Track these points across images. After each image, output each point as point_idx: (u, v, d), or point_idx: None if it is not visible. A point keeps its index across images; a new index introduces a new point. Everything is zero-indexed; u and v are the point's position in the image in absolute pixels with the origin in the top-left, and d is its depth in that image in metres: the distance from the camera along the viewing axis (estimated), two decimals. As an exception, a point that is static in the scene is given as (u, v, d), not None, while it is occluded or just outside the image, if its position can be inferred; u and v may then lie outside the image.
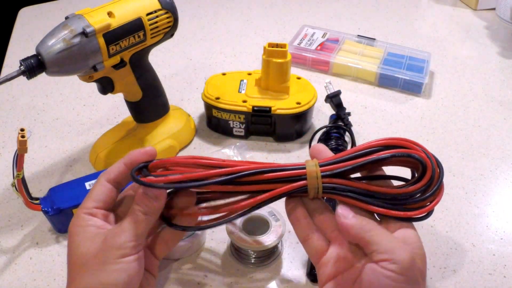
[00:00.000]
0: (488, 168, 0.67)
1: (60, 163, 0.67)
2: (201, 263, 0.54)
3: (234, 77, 0.73)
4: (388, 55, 0.86)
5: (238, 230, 0.53)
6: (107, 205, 0.44)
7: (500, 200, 0.62)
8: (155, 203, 0.43)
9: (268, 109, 0.67)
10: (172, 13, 0.60)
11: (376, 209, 0.42)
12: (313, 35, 0.91)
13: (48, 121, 0.75)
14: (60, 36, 0.51)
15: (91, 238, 0.42)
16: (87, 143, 0.70)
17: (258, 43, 0.94)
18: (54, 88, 0.82)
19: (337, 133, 0.66)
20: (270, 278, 0.53)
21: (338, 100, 0.69)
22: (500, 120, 0.76)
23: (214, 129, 0.73)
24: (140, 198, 0.43)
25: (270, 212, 0.54)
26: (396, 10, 1.08)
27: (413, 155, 0.42)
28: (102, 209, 0.44)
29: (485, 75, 0.87)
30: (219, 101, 0.68)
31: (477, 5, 1.08)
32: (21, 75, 0.50)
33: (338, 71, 0.86)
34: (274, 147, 0.70)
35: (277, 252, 0.55)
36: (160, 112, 0.67)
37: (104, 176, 0.45)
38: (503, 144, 0.71)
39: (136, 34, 0.57)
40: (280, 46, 0.66)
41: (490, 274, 0.53)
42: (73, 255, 0.42)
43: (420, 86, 0.80)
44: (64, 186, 0.57)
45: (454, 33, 1.00)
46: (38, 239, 0.57)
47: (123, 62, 0.58)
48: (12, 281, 0.52)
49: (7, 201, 0.62)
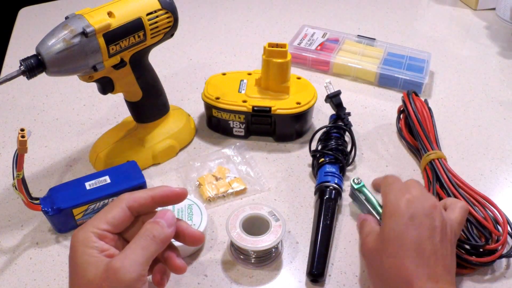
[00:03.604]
0: (488, 168, 0.67)
1: (60, 163, 0.67)
2: (201, 263, 0.54)
3: (234, 77, 0.73)
4: (388, 55, 0.86)
5: (238, 230, 0.53)
6: (119, 230, 0.43)
7: (500, 200, 0.62)
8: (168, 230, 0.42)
9: (268, 109, 0.67)
10: (172, 13, 0.60)
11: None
12: (313, 35, 0.91)
13: (48, 121, 0.75)
14: (60, 36, 0.51)
15: (94, 263, 0.40)
16: (87, 143, 0.70)
17: (258, 43, 0.94)
18: (54, 88, 0.82)
19: (337, 133, 0.66)
20: (270, 278, 0.53)
21: (338, 100, 0.69)
22: (500, 120, 0.76)
23: (214, 129, 0.73)
24: (152, 225, 0.42)
25: (270, 212, 0.54)
26: (396, 10, 1.08)
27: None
28: (113, 233, 0.42)
29: (485, 75, 0.87)
30: (219, 101, 0.68)
31: (477, 5, 1.08)
32: (21, 75, 0.50)
33: (338, 71, 0.86)
34: (274, 147, 0.70)
35: (277, 252, 0.55)
36: (160, 112, 0.67)
37: (126, 201, 0.43)
38: (503, 144, 0.71)
39: (136, 34, 0.57)
40: (280, 46, 0.66)
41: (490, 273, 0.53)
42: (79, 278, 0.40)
43: (420, 86, 0.80)
44: (64, 186, 0.57)
45: (454, 33, 1.00)
46: (38, 239, 0.57)
47: (123, 62, 0.58)
48: (12, 281, 0.52)
49: (7, 201, 0.62)
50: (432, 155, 0.62)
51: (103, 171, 0.59)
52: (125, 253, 0.40)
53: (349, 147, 0.66)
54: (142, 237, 0.41)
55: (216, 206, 0.61)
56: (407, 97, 0.69)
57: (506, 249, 0.53)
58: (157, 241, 0.42)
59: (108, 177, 0.58)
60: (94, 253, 0.40)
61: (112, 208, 0.43)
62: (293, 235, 0.57)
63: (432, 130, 0.66)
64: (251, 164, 0.66)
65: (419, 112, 0.67)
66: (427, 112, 0.68)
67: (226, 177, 0.64)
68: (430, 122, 0.67)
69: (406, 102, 0.69)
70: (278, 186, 0.64)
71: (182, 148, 0.70)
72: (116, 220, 0.42)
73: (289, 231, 0.58)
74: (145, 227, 0.42)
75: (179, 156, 0.69)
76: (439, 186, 0.58)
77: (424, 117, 0.67)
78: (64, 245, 0.56)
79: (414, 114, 0.67)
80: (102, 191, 0.56)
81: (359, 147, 0.69)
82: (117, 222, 0.42)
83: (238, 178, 0.64)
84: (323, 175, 0.61)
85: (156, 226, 0.42)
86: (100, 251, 0.40)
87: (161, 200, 0.44)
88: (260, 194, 0.63)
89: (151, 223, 0.43)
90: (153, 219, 0.43)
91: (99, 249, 0.40)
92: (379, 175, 0.59)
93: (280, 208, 0.61)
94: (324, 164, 0.62)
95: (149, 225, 0.42)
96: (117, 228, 0.43)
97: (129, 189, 0.57)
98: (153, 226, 0.42)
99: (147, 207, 0.44)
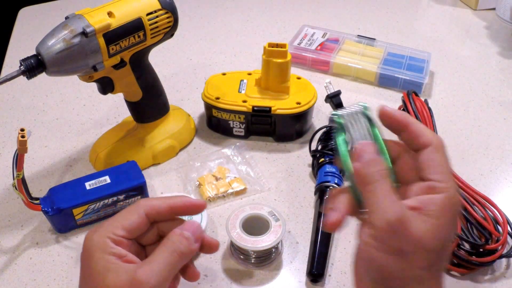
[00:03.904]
0: (488, 168, 0.67)
1: (60, 163, 0.67)
2: (201, 263, 0.54)
3: (234, 77, 0.73)
4: (388, 55, 0.86)
5: (238, 230, 0.53)
6: (135, 236, 0.43)
7: (500, 200, 0.62)
8: (195, 246, 0.42)
9: (268, 109, 0.67)
10: (172, 13, 0.60)
11: None
12: (313, 35, 0.91)
13: (48, 121, 0.75)
14: (60, 36, 0.51)
15: (114, 270, 0.39)
16: (87, 143, 0.70)
17: (258, 43, 0.94)
18: (54, 88, 0.82)
19: (337, 133, 0.66)
20: (270, 278, 0.53)
21: (338, 100, 0.69)
22: (500, 120, 0.76)
23: (214, 129, 0.73)
24: (179, 239, 0.41)
25: (270, 212, 0.54)
26: (396, 10, 1.08)
27: None
28: (129, 239, 0.42)
29: (485, 75, 0.87)
30: (219, 101, 0.68)
31: (477, 5, 1.08)
32: (21, 75, 0.50)
33: (338, 71, 0.86)
34: (274, 147, 0.70)
35: (277, 252, 0.55)
36: (160, 112, 0.67)
37: (145, 209, 0.42)
38: (503, 144, 0.71)
39: (136, 34, 0.57)
40: (280, 46, 0.66)
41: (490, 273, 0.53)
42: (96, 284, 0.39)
43: (420, 86, 0.80)
44: (64, 186, 0.57)
45: (454, 33, 1.00)
46: (38, 239, 0.57)
47: (123, 62, 0.58)
48: (12, 281, 0.52)
49: (7, 201, 0.62)
50: (432, 155, 0.62)
51: (103, 171, 0.59)
52: (151, 267, 0.39)
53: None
54: (169, 252, 0.40)
55: (216, 206, 0.61)
56: (407, 97, 0.69)
57: (506, 249, 0.53)
58: (183, 257, 0.41)
59: (108, 177, 0.58)
60: (112, 259, 0.39)
61: (130, 214, 0.42)
62: (293, 235, 0.57)
63: (432, 130, 0.66)
64: (251, 164, 0.66)
65: (419, 112, 0.67)
66: (427, 112, 0.68)
67: (226, 177, 0.64)
68: (430, 122, 0.67)
69: (406, 102, 0.69)
70: (278, 186, 0.64)
71: (182, 148, 0.70)
72: (134, 227, 0.42)
73: (289, 231, 0.58)
74: (172, 239, 0.41)
75: (179, 156, 0.69)
76: (439, 186, 0.58)
77: (424, 117, 0.67)
78: (64, 245, 0.56)
79: (414, 114, 0.67)
80: (102, 191, 0.56)
81: (359, 147, 0.69)
82: (134, 229, 0.42)
83: (238, 178, 0.64)
84: (323, 175, 0.61)
85: (184, 241, 0.41)
86: (118, 257, 0.40)
87: (179, 210, 0.43)
88: (260, 194, 0.63)
89: (179, 236, 0.41)
90: (180, 231, 0.42)
91: (117, 255, 0.40)
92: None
93: (280, 208, 0.61)
94: (324, 164, 0.62)
95: (176, 238, 0.41)
96: (133, 234, 0.42)
97: (129, 189, 0.57)
98: (181, 241, 0.41)
99: (164, 215, 0.43)
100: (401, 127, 0.39)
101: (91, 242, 0.40)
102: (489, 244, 0.51)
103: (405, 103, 0.69)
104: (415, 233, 0.34)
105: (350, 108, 0.39)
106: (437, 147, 0.38)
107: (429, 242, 0.34)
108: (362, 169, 0.37)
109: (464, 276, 0.52)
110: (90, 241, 0.40)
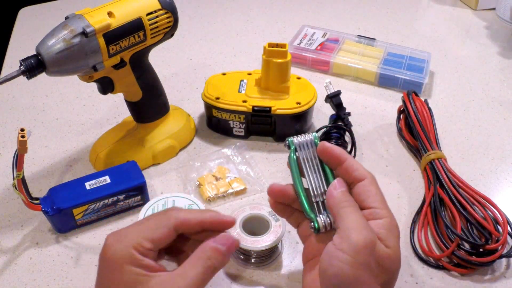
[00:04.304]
0: (488, 168, 0.67)
1: (60, 163, 0.67)
2: (201, 263, 0.54)
3: (234, 77, 0.73)
4: (388, 55, 0.86)
5: (238, 230, 0.53)
6: (161, 247, 0.42)
7: (500, 200, 0.62)
8: (227, 260, 0.42)
9: (268, 109, 0.67)
10: (172, 13, 0.60)
11: None
12: (313, 35, 0.91)
13: (48, 121, 0.75)
14: (60, 36, 0.51)
15: (145, 283, 0.38)
16: (87, 143, 0.70)
17: (258, 43, 0.94)
18: (54, 88, 0.82)
19: (337, 133, 0.66)
20: (270, 278, 0.53)
21: (338, 100, 0.69)
22: (500, 120, 0.76)
23: (214, 129, 0.73)
24: (214, 254, 0.41)
25: (270, 212, 0.54)
26: (396, 10, 1.08)
27: None
28: (155, 250, 0.41)
29: (485, 75, 0.87)
30: (219, 101, 0.68)
31: (477, 5, 1.08)
32: (21, 75, 0.50)
33: (338, 71, 0.86)
34: (274, 147, 0.70)
35: (277, 252, 0.55)
36: (160, 112, 0.67)
37: (175, 222, 0.41)
38: (503, 144, 0.71)
39: (136, 34, 0.57)
40: (280, 46, 0.66)
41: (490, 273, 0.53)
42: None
43: (420, 86, 0.80)
44: (64, 186, 0.58)
45: (454, 33, 1.00)
46: (38, 239, 0.57)
47: (123, 62, 0.58)
48: (12, 281, 0.52)
49: (7, 201, 0.62)
50: (432, 155, 0.62)
51: (103, 171, 0.59)
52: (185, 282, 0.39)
53: (349, 147, 0.66)
54: (204, 268, 0.40)
55: (216, 206, 0.61)
56: (407, 97, 0.69)
57: (506, 249, 0.53)
58: (216, 271, 0.41)
59: (108, 177, 0.58)
60: (142, 272, 0.39)
61: (159, 226, 0.41)
62: (293, 235, 0.57)
63: (432, 130, 0.66)
64: (251, 164, 0.66)
65: (419, 112, 0.67)
66: (427, 112, 0.68)
67: (226, 177, 0.64)
68: (430, 122, 0.67)
69: (406, 102, 0.69)
70: (278, 186, 0.64)
71: (182, 148, 0.70)
72: (161, 239, 0.41)
73: (289, 231, 0.58)
74: (207, 254, 0.41)
75: (179, 156, 0.69)
76: (439, 186, 0.58)
77: (424, 117, 0.67)
78: (64, 245, 0.56)
79: (414, 114, 0.67)
80: (102, 191, 0.56)
81: (359, 147, 0.69)
82: (162, 243, 0.41)
83: (238, 178, 0.64)
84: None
85: (219, 257, 0.41)
86: (147, 269, 0.39)
87: (208, 226, 0.43)
88: (260, 194, 0.63)
89: (214, 251, 0.41)
90: (215, 244, 0.41)
91: (146, 267, 0.39)
92: (379, 175, 0.59)
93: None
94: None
95: (211, 254, 0.41)
96: (160, 246, 0.41)
97: (129, 189, 0.57)
98: (216, 257, 0.41)
99: (193, 230, 0.43)
100: (338, 162, 0.44)
101: (117, 254, 0.39)
102: (489, 244, 0.51)
103: (405, 103, 0.69)
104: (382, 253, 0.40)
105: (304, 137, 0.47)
106: (371, 181, 0.43)
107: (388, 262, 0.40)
108: (342, 195, 0.43)
109: (464, 276, 0.53)
110: (115, 252, 0.39)
